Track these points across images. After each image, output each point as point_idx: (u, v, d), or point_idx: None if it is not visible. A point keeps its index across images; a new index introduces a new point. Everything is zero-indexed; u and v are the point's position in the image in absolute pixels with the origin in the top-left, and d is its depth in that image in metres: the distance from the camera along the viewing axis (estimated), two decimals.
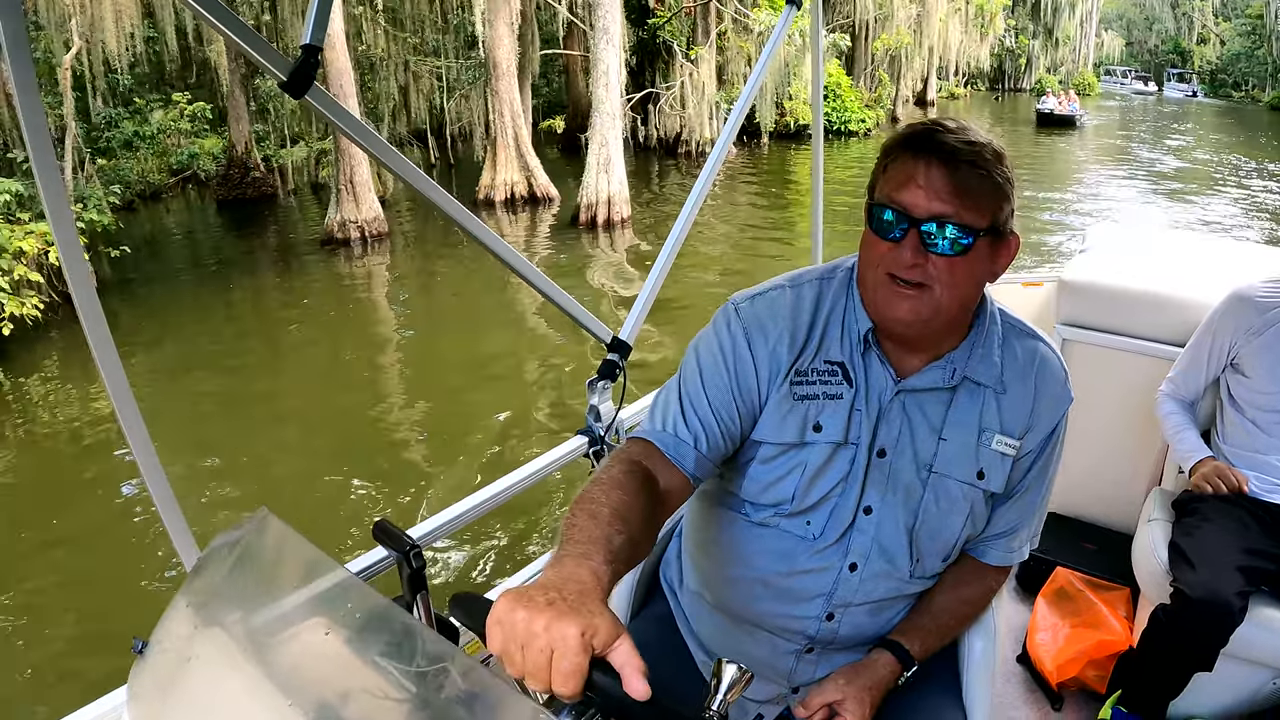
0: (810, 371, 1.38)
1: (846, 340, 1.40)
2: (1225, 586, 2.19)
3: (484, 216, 18.43)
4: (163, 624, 1.12)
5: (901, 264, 1.27)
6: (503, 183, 19.49)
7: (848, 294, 1.43)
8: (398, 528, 1.50)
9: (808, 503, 1.39)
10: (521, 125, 19.95)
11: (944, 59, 38.46)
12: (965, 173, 1.25)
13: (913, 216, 1.26)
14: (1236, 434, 2.60)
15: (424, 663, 0.93)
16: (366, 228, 16.36)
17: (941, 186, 1.24)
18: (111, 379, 1.48)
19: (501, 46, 18.99)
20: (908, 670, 1.46)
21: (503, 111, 19.48)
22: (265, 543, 1.15)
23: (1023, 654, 2.85)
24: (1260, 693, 2.42)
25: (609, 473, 1.25)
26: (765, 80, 21.29)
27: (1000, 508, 1.49)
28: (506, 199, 19.68)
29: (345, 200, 16.25)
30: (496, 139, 19.68)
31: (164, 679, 1.09)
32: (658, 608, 1.73)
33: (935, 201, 1.25)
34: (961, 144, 1.26)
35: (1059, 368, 1.46)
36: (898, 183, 1.27)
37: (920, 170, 1.25)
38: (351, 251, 15.97)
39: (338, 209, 16.36)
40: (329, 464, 8.14)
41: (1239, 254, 3.83)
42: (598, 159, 17.88)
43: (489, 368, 10.55)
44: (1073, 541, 3.25)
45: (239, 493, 7.60)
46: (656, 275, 2.62)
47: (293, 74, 1.50)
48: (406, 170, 1.88)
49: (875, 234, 1.30)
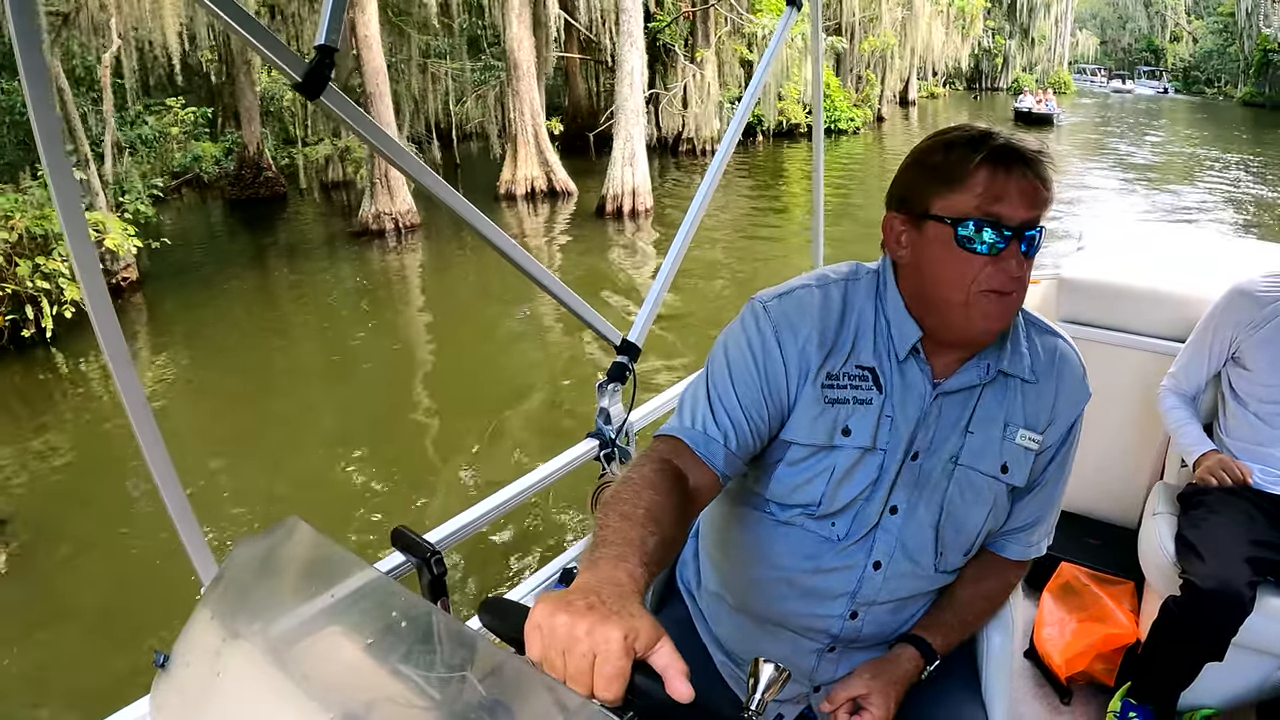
0: (841, 375, 1.37)
1: (879, 347, 1.38)
2: (1235, 577, 2.20)
3: (505, 210, 19.68)
4: (185, 636, 1.10)
5: (1009, 277, 1.26)
6: (523, 178, 20.58)
7: (876, 299, 1.40)
8: (416, 534, 1.49)
9: (835, 506, 1.38)
10: (541, 123, 20.98)
11: (925, 60, 39.44)
12: (1044, 172, 1.26)
13: (1013, 227, 1.25)
14: (1239, 427, 2.60)
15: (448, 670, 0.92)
16: (400, 219, 17.49)
17: (1034, 192, 1.25)
18: (126, 387, 1.46)
19: (522, 49, 20.09)
20: (930, 665, 1.46)
21: (523, 110, 20.57)
22: (293, 549, 1.13)
23: (1030, 649, 2.85)
24: (1268, 681, 2.43)
25: (640, 471, 1.23)
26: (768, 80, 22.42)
27: (1020, 502, 1.49)
28: (527, 193, 20.64)
29: (380, 193, 17.34)
30: (517, 136, 20.76)
31: (189, 692, 1.07)
32: (675, 610, 1.71)
33: (1032, 209, 1.25)
34: (1033, 150, 1.27)
35: (1078, 363, 1.47)
36: (991, 196, 1.25)
37: (1013, 179, 1.25)
38: (386, 242, 17.06)
39: (372, 201, 17.44)
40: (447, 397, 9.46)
41: (1238, 249, 3.85)
42: (622, 153, 18.98)
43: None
44: (1077, 537, 3.26)
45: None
46: (664, 277, 2.60)
47: (307, 75, 1.49)
48: (420, 171, 1.86)
49: (968, 250, 1.27)
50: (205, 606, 1.10)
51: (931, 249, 1.29)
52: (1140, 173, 25.75)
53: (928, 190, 1.29)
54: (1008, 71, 60.02)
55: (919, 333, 1.36)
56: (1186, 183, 23.82)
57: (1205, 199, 21.36)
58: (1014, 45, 58.83)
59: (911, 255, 1.34)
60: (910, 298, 1.36)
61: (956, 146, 1.28)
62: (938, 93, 52.03)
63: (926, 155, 1.32)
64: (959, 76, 56.47)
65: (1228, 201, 21.16)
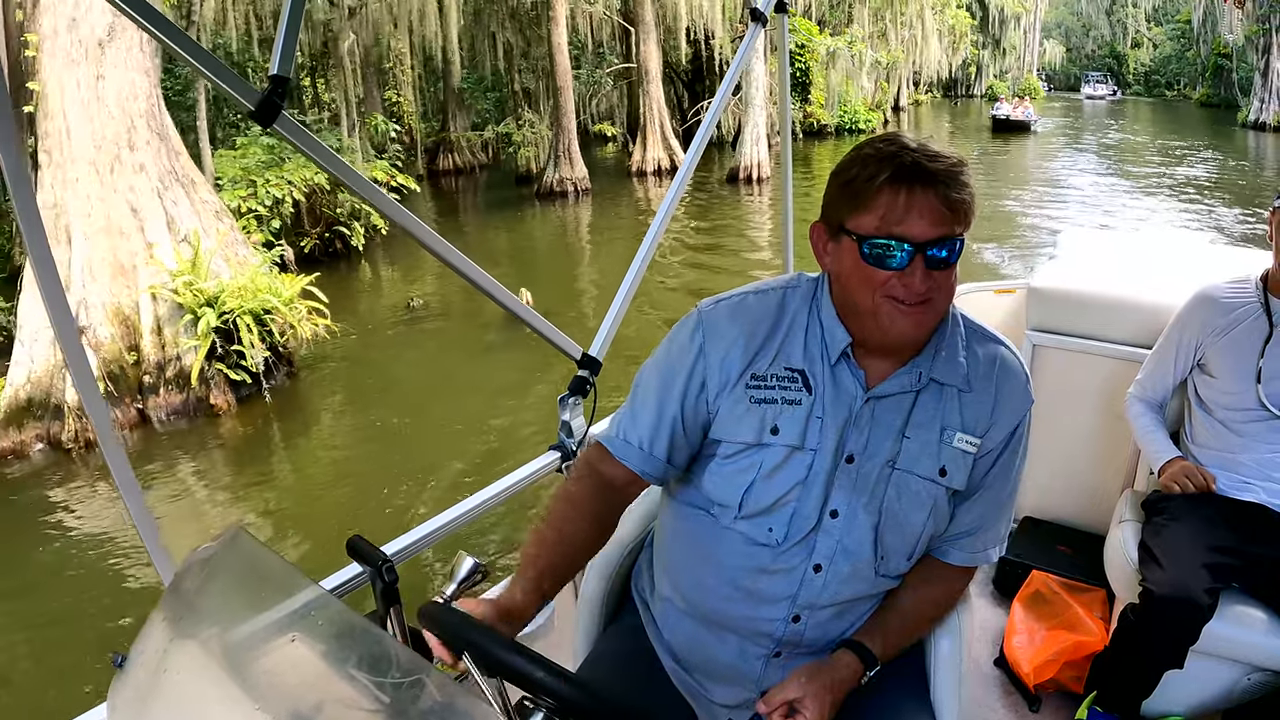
0: (769, 376, 1.42)
1: (810, 350, 1.43)
2: (1193, 583, 2.16)
3: (637, 184, 26.48)
4: (141, 639, 1.13)
5: (913, 290, 1.30)
6: (651, 158, 27.35)
7: (811, 306, 1.45)
8: (370, 544, 1.57)
9: (763, 504, 1.42)
10: (665, 116, 27.69)
11: (918, 70, 43.83)
12: (954, 191, 1.29)
13: (919, 243, 1.28)
14: (1204, 434, 2.55)
15: (396, 676, 1.00)
16: (577, 184, 24.14)
17: (938, 211, 1.28)
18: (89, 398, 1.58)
19: (652, 59, 26.75)
20: (870, 670, 1.45)
21: (651, 107, 27.32)
22: (237, 559, 1.20)
23: (1000, 657, 2.80)
24: (1235, 689, 2.40)
25: (566, 488, 1.48)
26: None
27: (962, 506, 1.50)
28: (655, 170, 27.10)
29: (563, 162, 23.92)
30: (645, 127, 27.58)
31: (142, 693, 1.10)
32: (629, 619, 1.74)
33: (937, 226, 1.28)
34: (941, 168, 1.28)
35: (1020, 370, 1.49)
36: (896, 216, 1.28)
37: (916, 199, 1.28)
38: (566, 201, 23.62)
39: (555, 169, 24.01)
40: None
41: (1205, 255, 3.85)
42: (750, 136, 25.68)
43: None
44: (1048, 545, 3.21)
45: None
46: (624, 294, 2.60)
47: (261, 104, 1.57)
48: (373, 194, 1.97)
49: (872, 265, 1.31)
50: (160, 610, 1.15)
51: (845, 260, 1.35)
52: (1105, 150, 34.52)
53: (841, 206, 1.35)
54: (982, 79, 63.74)
55: (848, 338, 1.40)
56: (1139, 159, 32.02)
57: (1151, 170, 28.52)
58: (987, 55, 62.37)
59: (833, 264, 1.39)
60: (838, 304, 1.42)
61: (868, 164, 1.31)
62: (921, 99, 55.42)
63: (843, 171, 1.36)
64: (937, 84, 59.30)
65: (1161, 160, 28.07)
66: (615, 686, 1.58)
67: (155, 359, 10.45)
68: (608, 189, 25.20)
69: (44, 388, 9.88)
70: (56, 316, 1.52)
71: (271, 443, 10.25)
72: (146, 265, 10.50)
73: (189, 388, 10.41)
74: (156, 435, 10.10)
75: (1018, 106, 43.17)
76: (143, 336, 10.41)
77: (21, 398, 9.78)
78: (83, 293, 10.10)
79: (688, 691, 1.63)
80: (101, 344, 10.10)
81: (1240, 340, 2.48)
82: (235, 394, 10.71)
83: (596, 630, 1.81)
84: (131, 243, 10.49)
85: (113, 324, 10.29)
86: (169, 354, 10.48)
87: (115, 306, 10.33)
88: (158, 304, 10.50)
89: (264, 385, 10.92)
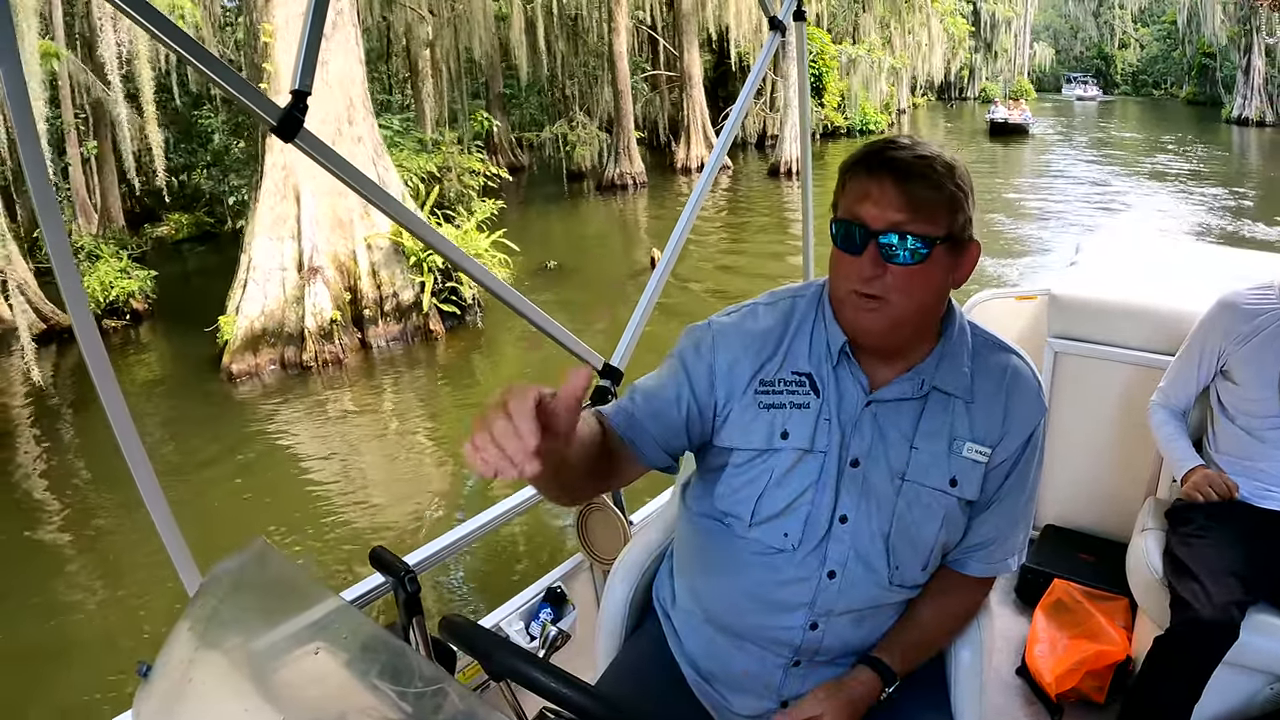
0: (777, 381, 1.43)
1: (815, 352, 1.43)
2: (1228, 603, 2.11)
3: (683, 180, 28.38)
4: (166, 649, 1.14)
5: (862, 276, 1.30)
6: (695, 155, 28.84)
7: (818, 308, 1.46)
8: (393, 554, 1.59)
9: (777, 508, 1.41)
10: (707, 118, 29.14)
11: (918, 75, 44.65)
12: (918, 185, 1.28)
13: (871, 229, 1.29)
14: (1228, 441, 2.51)
15: (418, 686, 1.01)
16: (636, 178, 25.95)
17: (895, 199, 1.28)
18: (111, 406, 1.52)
19: (695, 66, 28.40)
20: (889, 685, 1.45)
21: (694, 109, 28.87)
22: (261, 570, 1.21)
23: (1021, 666, 2.75)
24: (1256, 698, 2.38)
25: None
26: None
27: (978, 517, 1.48)
28: (698, 166, 28.15)
29: (622, 158, 25.81)
30: (689, 127, 29.21)
31: (167, 703, 1.13)
32: (650, 629, 1.73)
33: (891, 212, 1.28)
34: (913, 159, 1.29)
35: (1032, 379, 1.47)
36: (855, 198, 1.31)
37: (874, 185, 1.29)
38: (627, 193, 25.71)
39: (615, 164, 25.91)
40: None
41: (1227, 261, 3.75)
42: (789, 135, 27.64)
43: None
44: (1070, 553, 3.17)
45: None
46: (646, 302, 2.56)
47: (282, 120, 1.56)
48: (396, 209, 1.99)
49: (840, 250, 1.34)
50: (185, 620, 1.16)
51: (831, 251, 1.37)
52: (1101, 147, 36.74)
53: (836, 198, 1.38)
54: (975, 82, 64.50)
55: (843, 338, 1.40)
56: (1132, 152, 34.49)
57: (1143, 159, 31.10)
58: (979, 58, 63.17)
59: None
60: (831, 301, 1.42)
61: (855, 158, 1.36)
62: (919, 102, 55.89)
63: (843, 165, 1.38)
64: (932, 88, 59.91)
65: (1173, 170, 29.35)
66: (636, 699, 1.57)
67: (373, 296, 13.03)
68: (659, 183, 27.77)
69: (276, 319, 12.44)
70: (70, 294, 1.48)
71: (479, 357, 13.58)
72: (361, 220, 13.00)
73: (410, 317, 13.18)
74: (376, 360, 12.87)
75: (1014, 109, 42.55)
76: (360, 279, 12.99)
77: (256, 328, 12.38)
78: (313, 239, 12.71)
79: (709, 703, 1.61)
80: (329, 281, 12.71)
81: (1263, 347, 2.44)
82: (444, 324, 13.69)
83: (619, 639, 1.80)
84: (349, 202, 12.79)
85: (333, 268, 12.82)
86: (385, 292, 13.09)
87: (333, 254, 12.84)
88: (372, 252, 13.10)
89: (468, 317, 14.09)
